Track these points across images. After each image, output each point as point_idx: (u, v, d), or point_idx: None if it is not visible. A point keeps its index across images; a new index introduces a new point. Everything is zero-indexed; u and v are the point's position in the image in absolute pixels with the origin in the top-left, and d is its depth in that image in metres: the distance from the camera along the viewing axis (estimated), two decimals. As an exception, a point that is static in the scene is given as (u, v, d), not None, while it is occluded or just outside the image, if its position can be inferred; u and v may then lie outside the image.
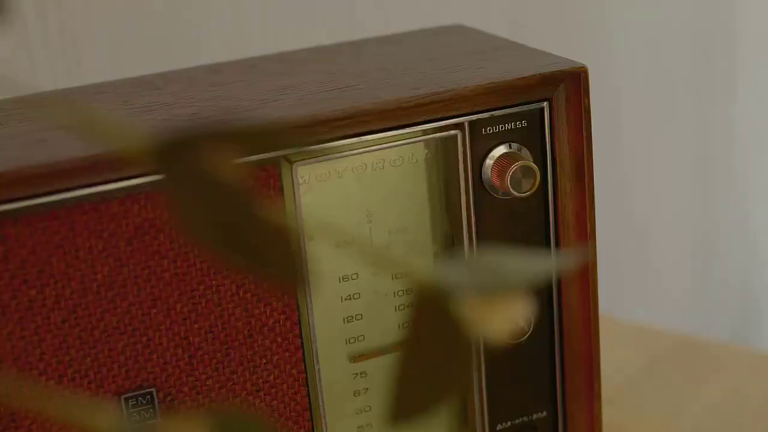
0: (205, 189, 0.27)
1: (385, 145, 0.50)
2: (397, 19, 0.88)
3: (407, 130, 0.50)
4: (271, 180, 0.49)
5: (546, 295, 0.55)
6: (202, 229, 0.27)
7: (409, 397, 0.29)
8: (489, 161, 0.51)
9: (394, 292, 0.53)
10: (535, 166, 0.51)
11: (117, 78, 0.59)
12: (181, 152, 0.27)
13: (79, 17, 0.78)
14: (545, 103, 0.52)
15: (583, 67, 0.52)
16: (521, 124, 0.52)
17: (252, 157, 0.48)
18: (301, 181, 0.50)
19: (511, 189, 0.51)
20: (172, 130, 0.27)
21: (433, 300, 0.29)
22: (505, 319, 0.29)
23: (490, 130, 0.51)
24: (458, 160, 0.51)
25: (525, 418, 0.56)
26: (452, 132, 0.51)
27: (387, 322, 0.53)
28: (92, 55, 0.79)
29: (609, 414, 0.59)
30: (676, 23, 1.00)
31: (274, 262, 0.27)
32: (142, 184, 0.47)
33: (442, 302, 0.28)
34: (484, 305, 0.28)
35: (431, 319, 0.29)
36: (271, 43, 0.83)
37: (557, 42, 0.94)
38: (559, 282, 0.54)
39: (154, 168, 0.27)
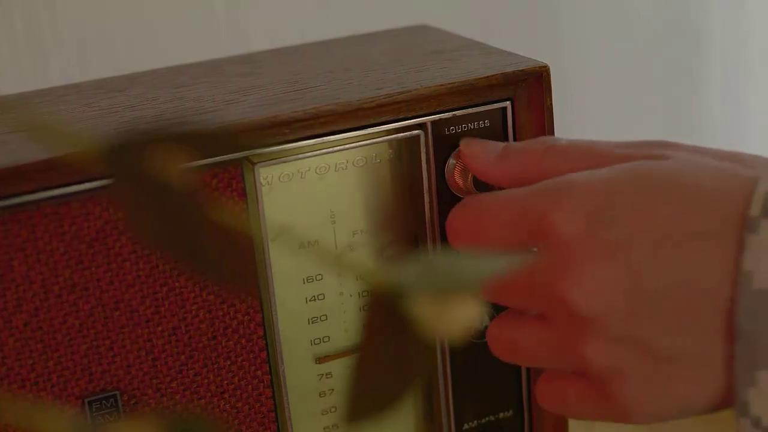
0: (155, 192, 0.27)
1: (348, 146, 0.50)
2: (367, 20, 0.88)
3: (370, 130, 0.50)
4: (234, 181, 0.48)
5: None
6: (154, 233, 0.27)
7: (365, 397, 0.29)
8: (452, 161, 0.51)
9: (359, 293, 0.53)
10: (498, 166, 0.51)
11: (84, 80, 0.59)
12: (130, 156, 0.27)
13: (45, 20, 0.77)
14: (507, 103, 0.52)
15: (545, 66, 0.52)
16: (484, 123, 0.52)
17: (214, 158, 0.48)
18: (263, 182, 0.50)
19: (474, 189, 0.51)
20: (122, 133, 0.27)
21: (387, 301, 0.29)
22: (458, 319, 0.29)
23: (452, 129, 0.51)
24: (421, 160, 0.51)
25: (491, 418, 0.56)
26: (415, 132, 0.51)
27: (352, 323, 0.53)
28: (59, 58, 0.78)
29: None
30: (645, 16, 1.01)
31: (225, 265, 0.27)
32: (103, 186, 0.46)
33: (397, 303, 0.29)
34: (438, 306, 0.28)
35: (386, 320, 0.29)
36: (239, 43, 0.83)
37: (523, 40, 0.94)
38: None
39: (104, 171, 0.27)
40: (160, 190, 0.27)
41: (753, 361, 0.44)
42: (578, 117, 1.00)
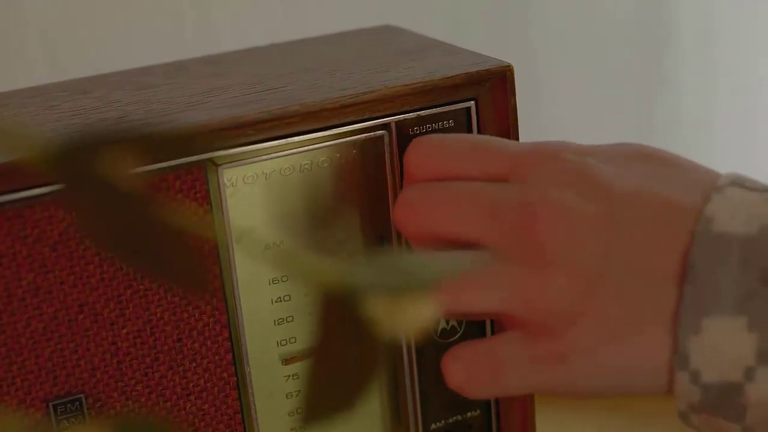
0: (105, 196, 0.27)
1: (312, 147, 0.50)
2: (337, 20, 0.88)
3: (334, 131, 0.50)
4: (197, 183, 0.48)
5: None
6: (105, 236, 0.27)
7: (321, 398, 0.29)
8: (416, 161, 0.51)
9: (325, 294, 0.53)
10: (462, 166, 0.51)
11: (51, 81, 0.59)
12: (81, 160, 0.27)
13: (12, 20, 0.77)
14: (472, 103, 0.52)
15: (509, 66, 0.52)
16: (448, 123, 0.52)
17: (177, 160, 0.48)
18: (227, 183, 0.50)
19: (438, 188, 0.51)
20: (71, 136, 0.27)
21: (342, 300, 0.29)
22: (414, 318, 0.29)
23: (417, 130, 0.51)
24: (385, 160, 0.51)
25: (459, 417, 0.56)
26: (379, 132, 0.51)
27: (318, 324, 0.53)
28: (26, 59, 0.78)
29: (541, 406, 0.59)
30: (614, 16, 1.01)
31: (179, 267, 0.27)
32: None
33: (350, 302, 0.29)
34: (391, 305, 0.28)
35: (340, 319, 0.29)
36: (208, 44, 0.83)
37: (492, 40, 0.94)
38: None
39: (52, 176, 0.27)
40: (111, 194, 0.27)
41: (701, 305, 0.44)
42: (548, 117, 1.00)
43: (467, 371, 0.47)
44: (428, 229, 0.47)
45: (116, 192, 0.27)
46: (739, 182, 0.45)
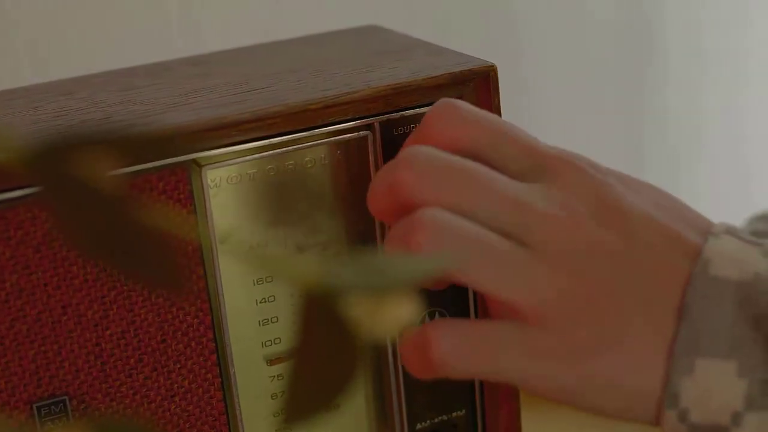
0: (86, 197, 0.27)
1: (296, 147, 0.50)
2: (322, 20, 0.88)
3: (318, 131, 0.50)
4: (181, 184, 0.48)
5: (463, 292, 0.55)
6: (86, 239, 0.27)
7: (303, 397, 0.29)
8: (401, 161, 0.51)
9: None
10: (446, 166, 0.51)
11: (36, 82, 0.59)
12: (60, 160, 0.27)
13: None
14: (456, 103, 0.52)
15: (492, 65, 0.52)
16: (432, 123, 0.52)
17: (160, 161, 0.48)
18: (211, 184, 0.49)
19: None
20: (50, 137, 0.27)
21: (321, 300, 0.29)
22: (394, 318, 0.29)
23: (401, 130, 0.51)
24: (369, 160, 0.51)
25: (444, 417, 0.56)
26: (363, 132, 0.51)
27: (303, 324, 0.53)
28: (10, 59, 0.78)
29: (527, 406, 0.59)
30: (599, 16, 1.01)
31: (157, 269, 0.27)
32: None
33: (330, 302, 0.29)
34: (372, 305, 0.28)
35: (320, 319, 0.29)
36: (192, 43, 0.83)
37: (479, 41, 0.94)
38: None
39: (32, 177, 0.26)
40: (92, 196, 0.26)
41: (695, 345, 0.44)
42: (533, 117, 1.00)
43: (455, 343, 0.45)
44: (437, 201, 0.45)
45: (97, 194, 0.27)
46: (732, 232, 0.47)
